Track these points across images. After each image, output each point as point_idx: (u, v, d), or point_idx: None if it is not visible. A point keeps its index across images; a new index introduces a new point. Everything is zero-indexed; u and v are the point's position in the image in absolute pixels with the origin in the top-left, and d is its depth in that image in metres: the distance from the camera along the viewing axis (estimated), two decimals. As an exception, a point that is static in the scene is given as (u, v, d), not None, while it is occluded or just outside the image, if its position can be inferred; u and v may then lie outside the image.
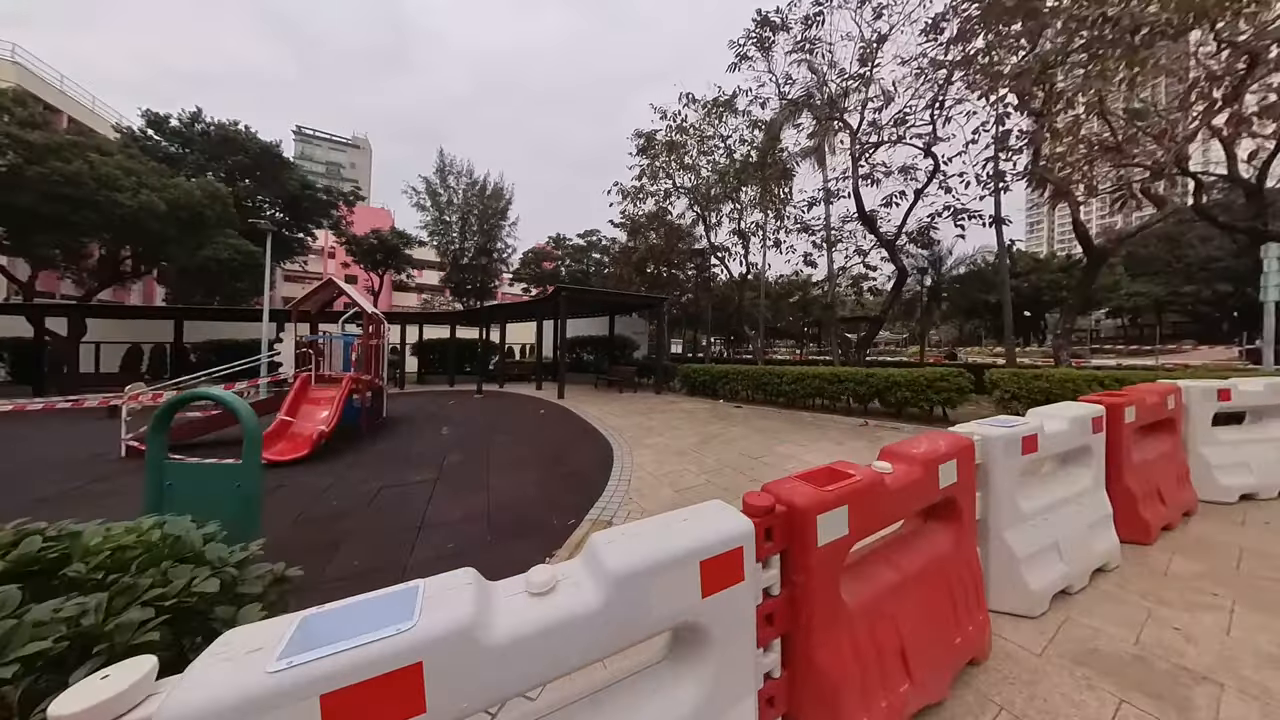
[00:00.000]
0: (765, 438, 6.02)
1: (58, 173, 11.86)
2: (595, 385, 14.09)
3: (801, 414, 7.95)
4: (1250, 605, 2.07)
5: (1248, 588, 2.22)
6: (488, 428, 7.33)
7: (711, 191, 15.18)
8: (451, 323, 15.85)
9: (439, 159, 29.67)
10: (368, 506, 3.83)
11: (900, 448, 1.85)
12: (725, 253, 16.23)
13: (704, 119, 14.19)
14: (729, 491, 3.91)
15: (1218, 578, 2.32)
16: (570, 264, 35.00)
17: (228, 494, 1.91)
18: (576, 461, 5.12)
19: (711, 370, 10.80)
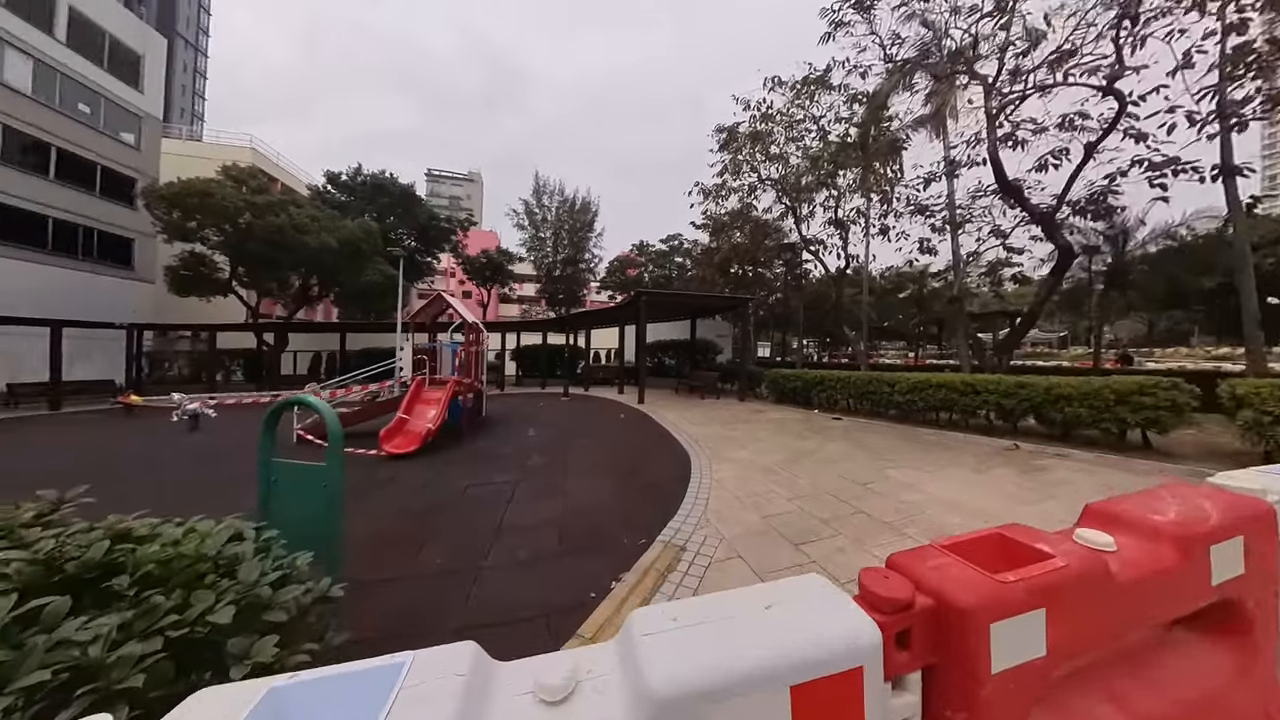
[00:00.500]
0: (873, 458, 5.07)
1: (271, 225, 15.68)
2: (676, 390, 13.79)
3: (920, 431, 6.61)
4: None
5: None
6: (570, 431, 7.50)
7: (803, 180, 13.86)
8: (543, 330, 17.03)
9: (534, 182, 32.68)
10: (456, 504, 4.05)
11: (1122, 508, 1.18)
12: (819, 246, 14.67)
13: (792, 102, 13.03)
14: (828, 524, 3.26)
15: None
16: (653, 269, 35.51)
17: (316, 493, 1.99)
18: (652, 472, 4.86)
19: (804, 376, 9.70)
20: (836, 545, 2.93)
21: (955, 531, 3.22)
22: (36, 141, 14.68)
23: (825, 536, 3.07)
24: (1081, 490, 3.84)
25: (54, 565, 0.97)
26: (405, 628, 2.22)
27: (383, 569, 2.82)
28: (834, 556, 2.77)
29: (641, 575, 2.65)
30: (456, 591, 2.54)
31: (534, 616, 2.29)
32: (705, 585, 2.49)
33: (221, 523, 1.37)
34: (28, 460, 6.07)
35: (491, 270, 34.88)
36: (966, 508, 3.48)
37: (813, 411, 8.89)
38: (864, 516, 3.39)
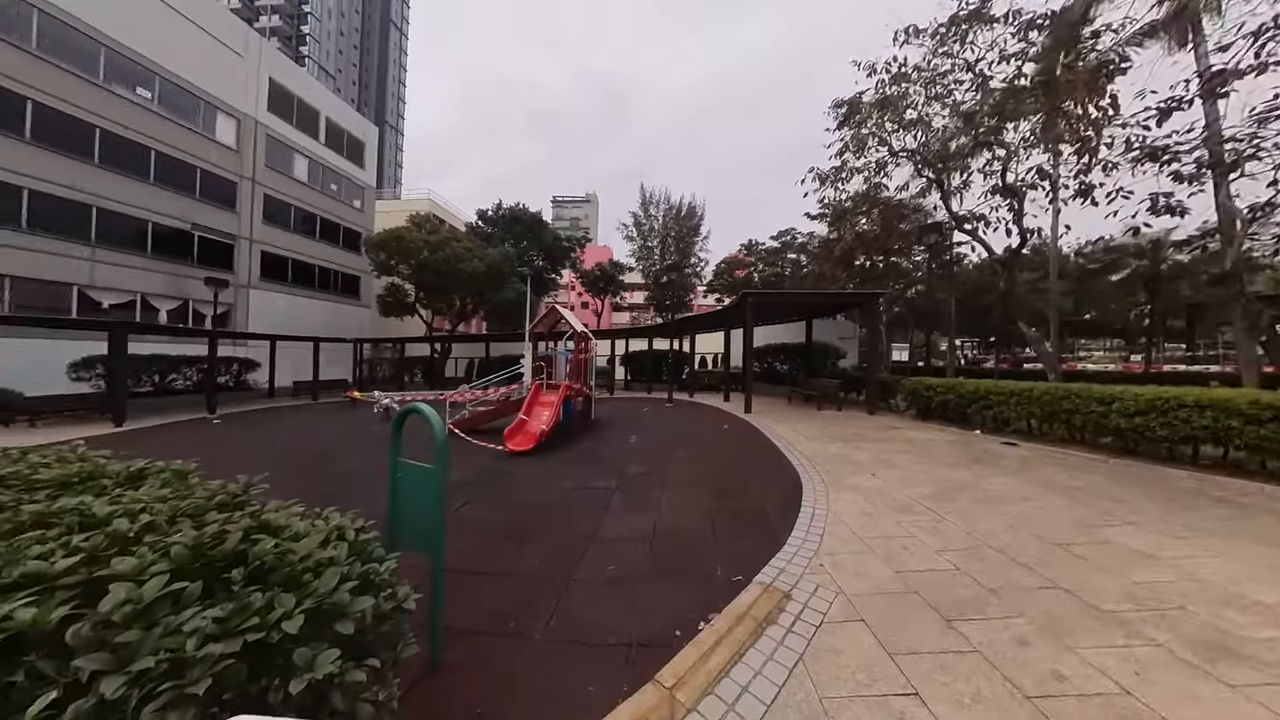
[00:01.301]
0: (1074, 506, 3.67)
1: (441, 258, 19.59)
2: (789, 399, 12.56)
3: (1161, 470, 4.59)
4: None
5: None
6: (670, 440, 7.37)
7: (951, 145, 11.27)
8: (648, 336, 17.42)
9: (640, 194, 34.15)
10: (559, 505, 4.24)
11: None
12: (978, 223, 11.69)
13: (934, 52, 10.71)
14: (999, 597, 2.39)
15: None
16: (763, 268, 33.65)
17: (427, 492, 2.19)
18: (755, 493, 4.37)
19: (959, 387, 7.74)
20: (1014, 632, 2.11)
21: (1253, 650, 2.02)
22: (309, 213, 21.12)
23: (995, 615, 2.25)
24: None
25: (200, 550, 1.15)
26: (493, 626, 2.31)
27: (487, 561, 3.05)
28: (1012, 652, 1.98)
29: (735, 622, 2.30)
30: (546, 599, 2.57)
31: (616, 644, 2.16)
32: (815, 653, 2.02)
33: (342, 518, 1.53)
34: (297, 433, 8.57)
35: (604, 281, 37.51)
36: (1277, 611, 2.19)
37: (972, 432, 7.01)
38: (1062, 594, 2.41)
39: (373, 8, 71.21)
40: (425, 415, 2.11)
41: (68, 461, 1.93)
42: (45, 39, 12.00)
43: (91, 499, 1.42)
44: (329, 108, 22.28)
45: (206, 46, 16.18)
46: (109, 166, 13.45)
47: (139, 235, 14.37)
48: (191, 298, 15.72)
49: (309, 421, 10.51)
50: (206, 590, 1.05)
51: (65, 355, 11.52)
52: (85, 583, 1.01)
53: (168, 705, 0.82)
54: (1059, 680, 1.81)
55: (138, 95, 14.21)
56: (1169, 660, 1.89)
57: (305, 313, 20.07)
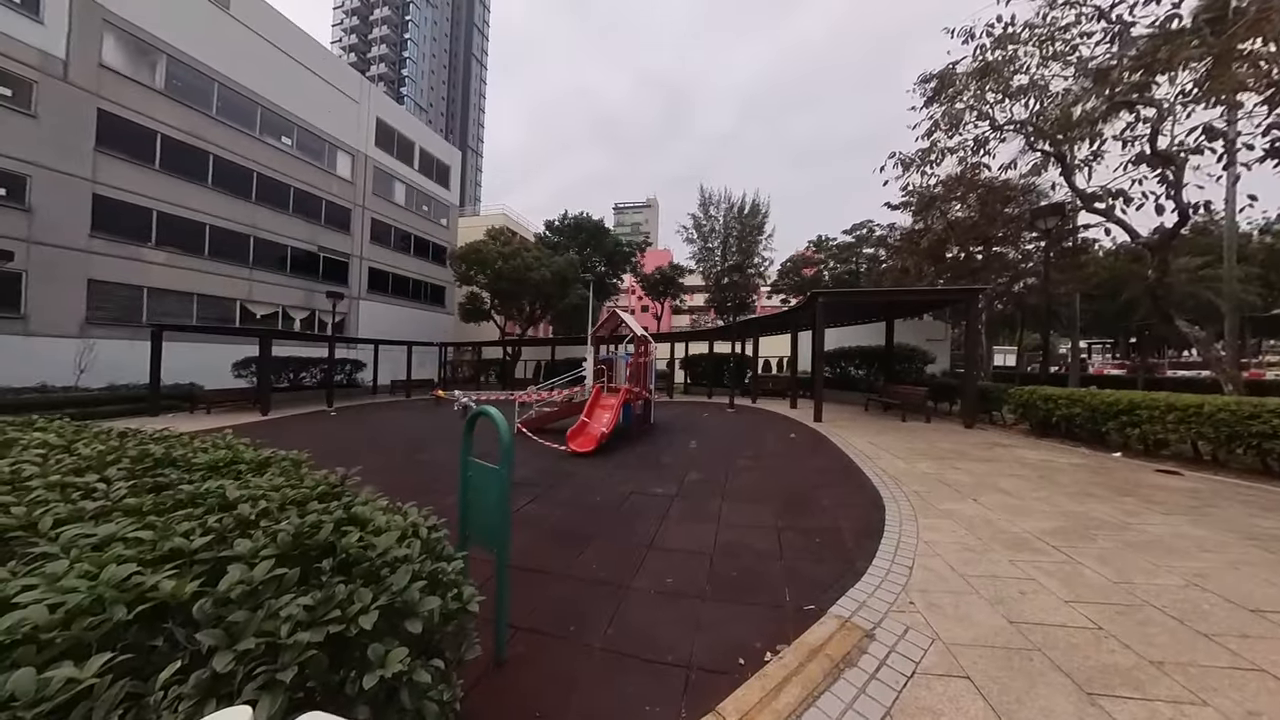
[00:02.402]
0: (1276, 560, 2.80)
1: (513, 267, 21.10)
2: (866, 408, 11.45)
3: None
4: None
5: None
6: (732, 447, 7.08)
7: (1076, 110, 9.45)
8: (709, 339, 17.02)
9: (700, 194, 33.63)
10: (618, 509, 4.24)
11: None
12: (1116, 200, 9.64)
13: (1052, 4, 9.07)
14: (1165, 672, 1.88)
15: None
16: (834, 266, 31.35)
17: (494, 491, 2.28)
18: (828, 512, 3.99)
19: (1090, 399, 6.40)
20: (1191, 722, 1.63)
21: None
22: (406, 232, 23.98)
23: (1162, 696, 1.76)
24: None
25: (300, 538, 1.28)
26: (554, 628, 2.33)
27: (549, 561, 3.12)
28: (1187, 746, 1.53)
29: (807, 657, 2.08)
30: (604, 605, 2.55)
31: (674, 664, 2.07)
32: (906, 710, 1.74)
33: (418, 514, 1.63)
34: (393, 425, 9.70)
35: (664, 285, 37.58)
36: None
37: (1110, 455, 5.74)
38: (1265, 679, 1.82)
39: (458, 45, 79.40)
40: (493, 418, 2.19)
41: (218, 447, 2.32)
42: (221, 103, 15.08)
43: (229, 483, 1.66)
44: (422, 138, 25.16)
45: (331, 96, 19.17)
46: (262, 203, 16.50)
47: (281, 258, 17.39)
48: (317, 308, 18.64)
49: (402, 416, 11.84)
50: (302, 577, 1.15)
51: (231, 356, 14.29)
52: (214, 560, 1.15)
53: (263, 687, 0.90)
54: None
55: (281, 143, 17.27)
56: None
57: (401, 320, 22.78)
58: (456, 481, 2.43)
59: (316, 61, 18.34)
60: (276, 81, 16.69)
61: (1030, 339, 21.88)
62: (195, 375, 12.85)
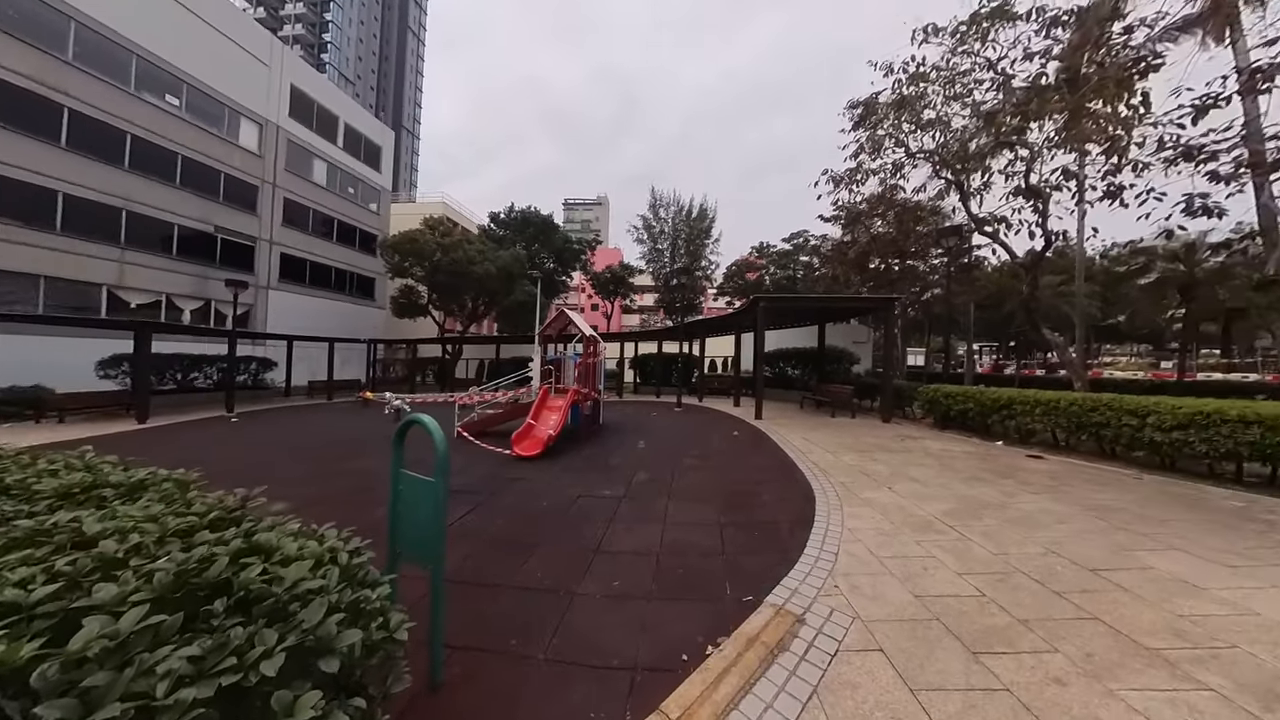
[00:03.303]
0: (1112, 529, 3.46)
1: (453, 259, 19.82)
2: (801, 405, 12.33)
3: (1203, 488, 4.32)
4: None
5: None
6: (678, 446, 7.26)
7: (971, 145, 10.95)
8: (657, 339, 17.31)
9: (650, 196, 34.12)
10: (565, 514, 4.16)
11: None
12: (998, 225, 11.33)
13: (954, 50, 10.43)
14: (1031, 629, 2.23)
15: None
16: (775, 271, 33.35)
17: (427, 505, 2.13)
18: (767, 507, 4.24)
19: (980, 396, 7.46)
20: (1049, 670, 1.95)
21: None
22: (327, 216, 21.57)
23: (1026, 649, 2.10)
24: None
25: (184, 577, 1.10)
26: (495, 644, 2.24)
27: (492, 572, 2.98)
28: (1047, 690, 1.84)
29: (745, 647, 2.19)
30: (549, 615, 2.49)
31: (620, 668, 2.07)
32: (830, 686, 1.90)
33: (337, 537, 1.47)
34: (310, 432, 8.68)
35: (614, 284, 37.56)
36: (1343, 652, 1.99)
37: (993, 444, 6.74)
38: (1100, 627, 2.24)
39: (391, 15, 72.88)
40: (427, 427, 2.05)
41: (72, 468, 1.92)
42: (79, 47, 12.48)
43: (87, 514, 1.39)
44: (347, 113, 22.76)
45: (232, 55, 16.67)
46: (138, 171, 13.92)
47: (165, 238, 14.81)
48: (213, 298, 16.15)
49: (324, 420, 10.66)
50: (187, 623, 0.99)
51: (94, 353, 11.91)
52: (63, 613, 0.96)
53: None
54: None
55: (166, 102, 14.70)
56: (1226, 709, 1.72)
57: (322, 313, 20.47)
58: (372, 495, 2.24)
59: (212, 11, 15.83)
60: (157, 28, 14.15)
61: (935, 342, 24.98)
62: (46, 376, 10.55)
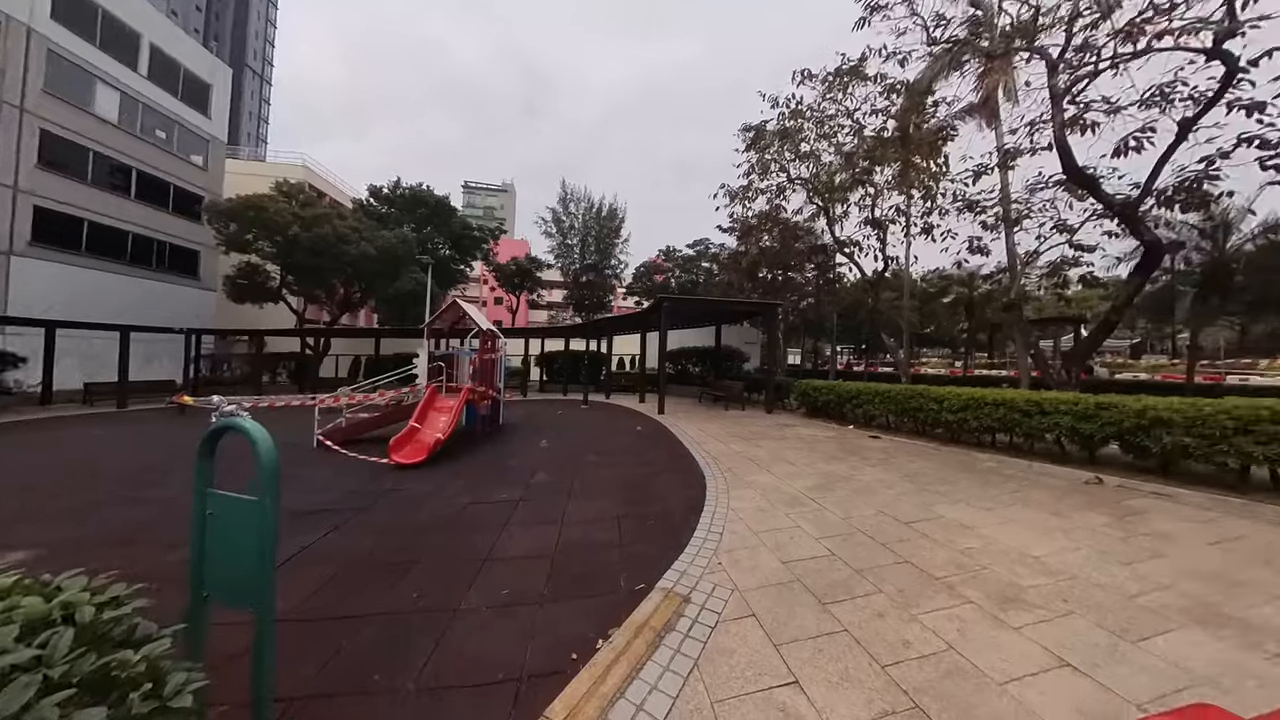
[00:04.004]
0: (920, 490, 4.39)
1: (317, 235, 16.58)
2: (699, 400, 13.24)
3: (974, 455, 5.79)
4: None
5: None
6: (582, 444, 7.18)
7: (835, 179, 13.03)
8: (565, 336, 16.95)
9: (561, 189, 33.34)
10: (451, 525, 3.78)
11: None
12: (854, 248, 13.72)
13: (823, 96, 12.29)
14: (864, 577, 2.71)
15: None
16: (680, 274, 35.22)
17: (252, 530, 1.71)
18: (663, 497, 4.42)
19: (838, 389, 8.93)
20: (875, 608, 2.39)
21: (1030, 597, 2.58)
22: (120, 164, 16.25)
23: (860, 594, 2.53)
24: (1193, 549, 3.07)
25: None
26: (351, 684, 1.91)
27: (352, 603, 2.55)
28: (871, 624, 2.23)
29: (634, 634, 2.23)
30: (424, 637, 2.22)
31: (504, 680, 1.93)
32: (709, 657, 2.03)
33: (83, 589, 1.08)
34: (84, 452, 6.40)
35: (520, 277, 35.73)
36: (1047, 566, 2.82)
37: (847, 428, 8.12)
38: (909, 568, 2.81)
39: (230, -77, 58.06)
40: (247, 432, 1.66)
41: None
42: None
43: None
44: (156, 32, 17.47)
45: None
46: None
47: None
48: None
49: (114, 436, 8.01)
50: None
51: None
52: None
53: None
54: (905, 647, 2.08)
55: None
56: (980, 616, 2.30)
57: (109, 292, 15.42)
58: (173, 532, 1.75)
59: None
60: None
61: (809, 344, 29.21)
62: None
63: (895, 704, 1.74)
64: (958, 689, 1.81)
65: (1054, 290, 11.95)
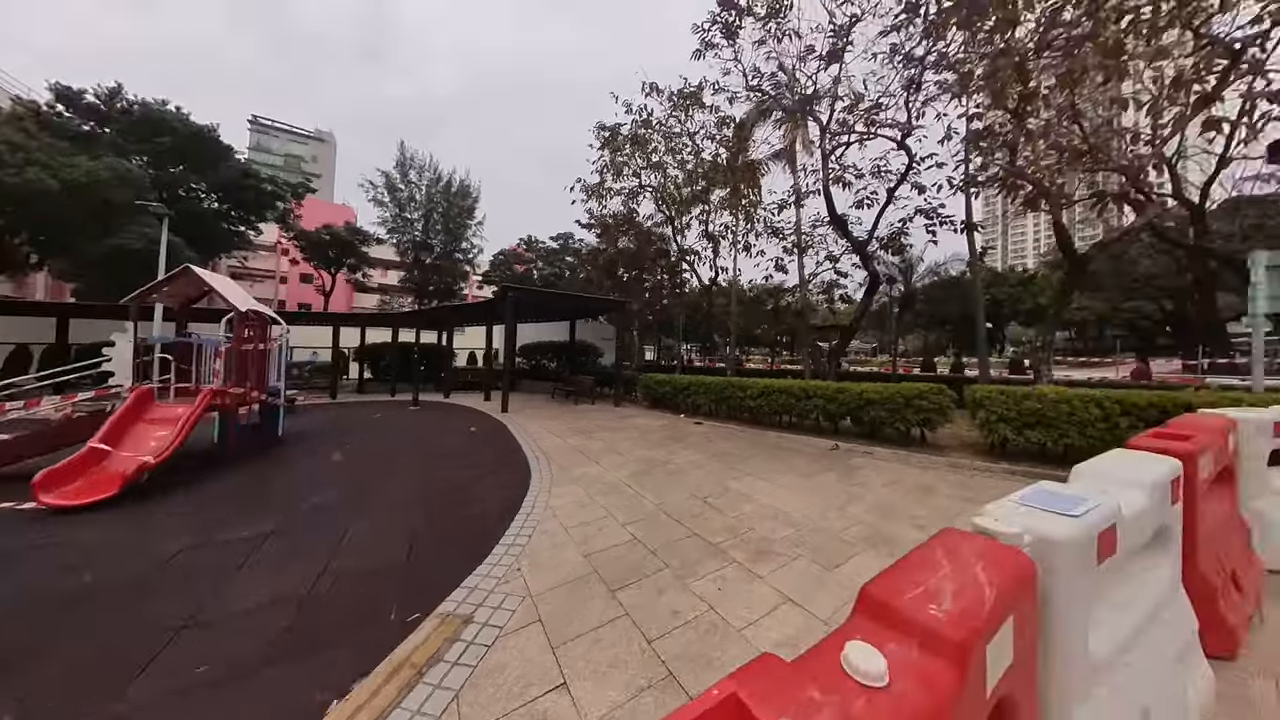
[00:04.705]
0: (723, 467, 5.06)
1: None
2: (552, 395, 12.92)
3: (768, 434, 7.07)
4: None
5: None
6: (395, 451, 6.08)
7: (681, 192, 14.40)
8: (394, 326, 14.32)
9: (399, 153, 28.15)
10: (134, 586, 2.60)
11: (899, 599, 0.87)
12: (695, 256, 15.46)
13: (670, 113, 13.42)
14: (658, 556, 2.88)
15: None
16: (543, 266, 33.89)
17: None
18: (479, 501, 4.00)
19: (674, 381, 9.85)
20: (658, 585, 2.54)
21: (777, 548, 3.17)
22: None
23: (650, 573, 2.68)
24: (874, 490, 4.27)
25: None
26: None
27: None
28: (651, 604, 2.35)
29: (385, 679, 1.84)
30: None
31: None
32: (475, 682, 1.80)
33: None
34: None
35: (338, 249, 28.97)
36: (791, 518, 3.51)
37: (679, 417, 9.01)
38: (696, 541, 3.13)
39: None
40: None
41: None
42: None
43: None
44: None
45: None
46: None
47: None
48: None
49: None
50: None
51: None
52: None
53: None
54: (674, 616, 2.25)
55: None
56: (739, 573, 2.67)
57: None
58: None
59: None
60: None
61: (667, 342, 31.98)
62: None
63: (652, 677, 1.83)
64: (706, 645, 2.02)
65: (827, 304, 15.76)
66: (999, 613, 0.87)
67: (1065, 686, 1.15)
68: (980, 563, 0.97)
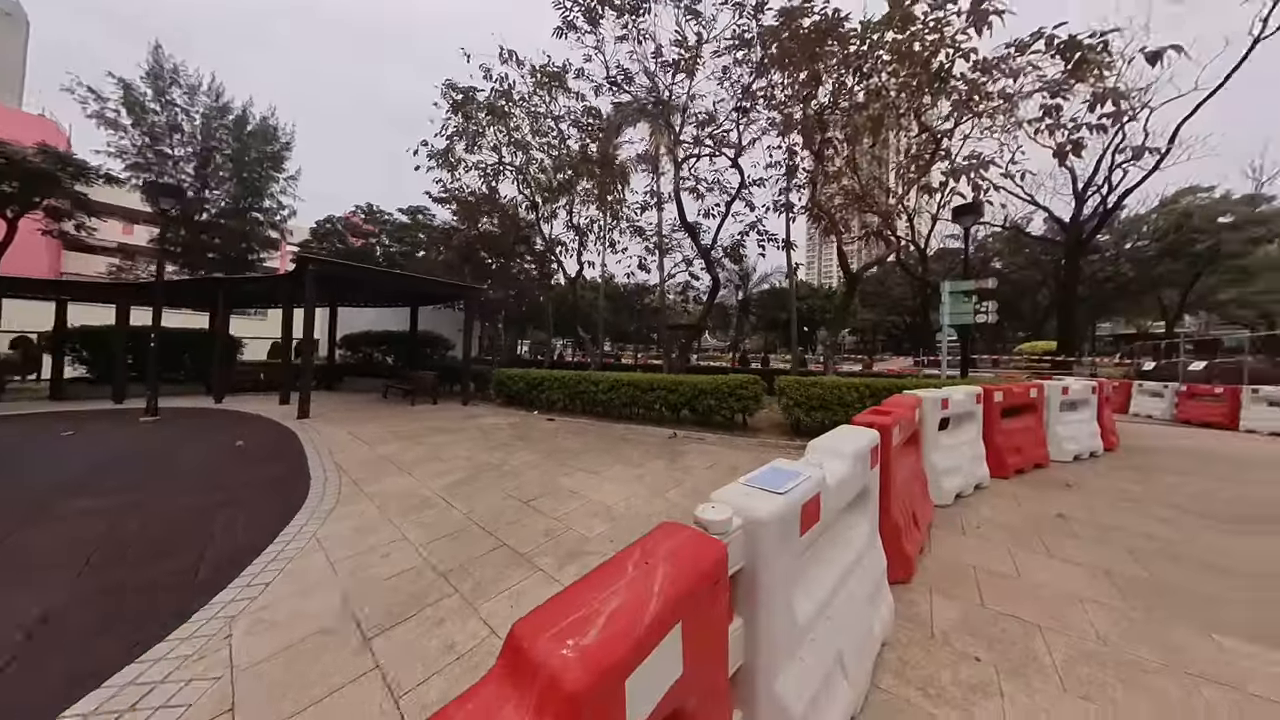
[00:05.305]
0: (558, 465, 4.78)
1: None
2: (384, 395, 10.84)
3: (615, 427, 7.12)
4: (1010, 673, 1.68)
5: (999, 640, 1.90)
6: (77, 482, 4.04)
7: (554, 180, 13.67)
8: (119, 302, 9.93)
9: (152, 59, 19.91)
10: None
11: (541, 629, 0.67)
12: (561, 248, 14.96)
13: (533, 92, 12.59)
14: (450, 577, 2.40)
15: (975, 630, 1.99)
16: (389, 244, 28.48)
17: None
18: (200, 545, 2.84)
19: (527, 376, 9.23)
20: (438, 616, 2.08)
21: (590, 546, 3.01)
22: None
23: (431, 601, 2.20)
24: (695, 473, 4.57)
25: None
26: None
27: None
28: (420, 643, 1.89)
29: None
30: None
31: None
32: None
33: None
34: None
35: (29, 181, 19.18)
36: (613, 511, 3.42)
37: (532, 413, 8.48)
38: (504, 552, 2.75)
39: None
40: None
41: None
42: None
43: None
44: None
45: None
46: None
47: None
48: None
49: None
50: None
51: None
52: None
53: None
54: (447, 651, 1.84)
55: None
56: (540, 583, 2.40)
57: None
58: None
59: None
60: None
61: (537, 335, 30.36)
62: None
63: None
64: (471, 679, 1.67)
65: (682, 303, 17.14)
66: (658, 627, 0.73)
67: (773, 657, 1.15)
68: (663, 565, 0.84)
